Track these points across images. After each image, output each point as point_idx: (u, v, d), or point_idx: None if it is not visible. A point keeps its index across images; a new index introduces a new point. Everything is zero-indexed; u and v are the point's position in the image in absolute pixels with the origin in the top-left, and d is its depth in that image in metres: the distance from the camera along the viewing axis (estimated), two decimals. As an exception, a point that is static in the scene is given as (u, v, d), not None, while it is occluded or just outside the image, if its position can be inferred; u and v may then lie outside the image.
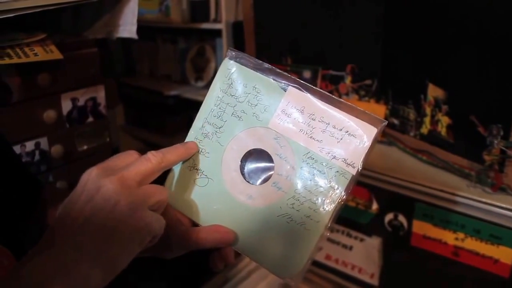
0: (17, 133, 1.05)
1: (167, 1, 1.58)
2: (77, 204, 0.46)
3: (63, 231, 0.46)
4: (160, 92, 1.71)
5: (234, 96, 0.55)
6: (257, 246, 0.52)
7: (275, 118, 0.52)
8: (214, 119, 0.55)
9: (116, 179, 0.47)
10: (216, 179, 0.54)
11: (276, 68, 0.52)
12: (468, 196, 0.80)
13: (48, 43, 1.05)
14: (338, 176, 0.49)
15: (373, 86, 1.00)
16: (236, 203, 0.53)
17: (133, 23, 1.17)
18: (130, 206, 0.46)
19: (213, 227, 0.54)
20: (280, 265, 0.50)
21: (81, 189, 0.48)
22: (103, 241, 0.45)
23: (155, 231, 0.47)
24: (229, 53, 0.55)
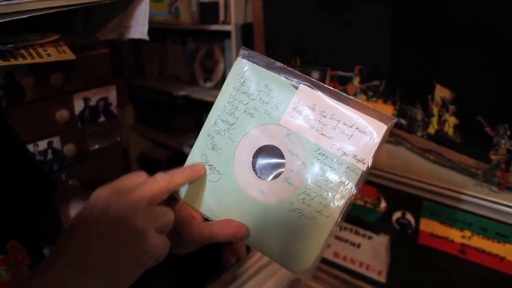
0: (30, 132, 1.07)
1: (177, 3, 1.60)
2: (85, 224, 0.47)
3: (69, 250, 0.46)
4: (169, 92, 1.73)
5: (247, 94, 0.56)
6: (269, 241, 0.53)
7: (286, 115, 0.53)
8: (226, 116, 0.56)
9: (125, 200, 0.48)
10: (228, 175, 0.56)
11: (287, 66, 0.54)
12: (475, 194, 0.82)
13: (61, 44, 1.06)
14: (348, 172, 0.50)
15: (381, 87, 1.02)
16: (248, 198, 0.55)
17: (144, 24, 1.19)
18: (138, 229, 0.47)
19: (225, 221, 0.55)
20: (291, 260, 0.52)
21: (90, 208, 0.49)
22: (108, 264, 0.46)
23: (159, 253, 0.48)
24: (241, 52, 0.56)
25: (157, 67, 1.91)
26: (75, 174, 1.18)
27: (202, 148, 0.57)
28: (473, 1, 0.78)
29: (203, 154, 0.56)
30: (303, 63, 1.05)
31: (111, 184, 0.51)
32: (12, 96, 1.02)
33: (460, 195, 0.83)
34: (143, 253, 0.47)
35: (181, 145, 1.79)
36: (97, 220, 0.47)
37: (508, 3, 0.73)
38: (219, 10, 1.53)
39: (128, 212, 0.47)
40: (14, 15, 0.90)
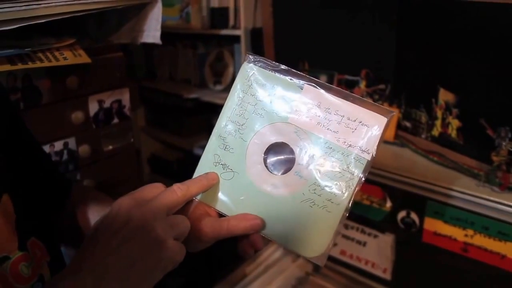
0: (46, 134, 1.10)
1: (188, 8, 1.64)
2: (109, 232, 0.50)
3: (93, 256, 0.49)
4: (180, 95, 1.77)
5: (255, 96, 0.60)
6: (284, 231, 0.57)
7: (294, 113, 0.57)
8: (236, 117, 0.60)
9: (146, 210, 0.51)
10: (241, 172, 0.59)
11: (291, 69, 0.57)
12: (477, 194, 0.84)
13: (77, 48, 1.09)
14: (355, 162, 0.54)
15: (386, 91, 1.06)
16: (261, 193, 0.58)
17: (157, 29, 1.23)
18: (158, 237, 0.50)
19: (241, 215, 0.58)
20: (307, 247, 0.55)
21: (112, 217, 0.52)
22: (131, 269, 0.49)
23: (177, 259, 0.51)
24: (247, 57, 0.60)
25: (168, 70, 1.95)
26: (90, 174, 1.21)
27: (215, 149, 0.61)
28: (474, 9, 0.81)
29: (216, 155, 0.60)
30: (311, 67, 1.09)
31: (131, 194, 0.54)
32: (29, 98, 1.05)
33: (462, 195, 0.86)
34: (163, 259, 0.50)
35: (191, 147, 1.83)
36: (120, 228, 0.50)
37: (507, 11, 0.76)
38: (229, 15, 1.57)
39: (149, 221, 0.51)
40: (32, 20, 0.93)
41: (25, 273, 0.56)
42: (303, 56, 1.09)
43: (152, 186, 0.55)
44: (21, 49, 0.97)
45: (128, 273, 0.49)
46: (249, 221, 0.57)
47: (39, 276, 0.58)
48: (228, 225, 0.57)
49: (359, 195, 0.98)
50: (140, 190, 0.55)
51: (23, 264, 0.56)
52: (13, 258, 0.56)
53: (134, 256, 0.49)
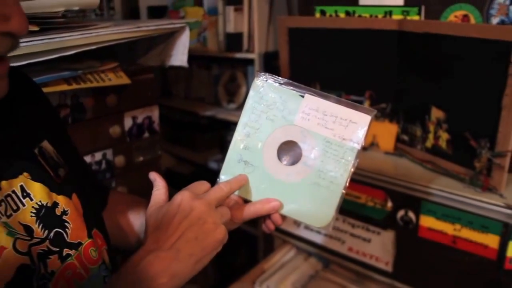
0: (88, 145, 1.25)
1: (205, 32, 1.82)
2: (175, 219, 0.65)
3: (165, 238, 0.64)
4: (195, 112, 1.93)
5: (266, 105, 0.76)
6: (297, 208, 0.74)
7: (298, 117, 0.74)
8: (252, 123, 0.77)
9: (203, 202, 0.67)
10: (260, 166, 0.76)
11: (293, 81, 0.74)
12: (463, 195, 1.02)
13: (118, 70, 1.26)
14: (348, 151, 0.72)
15: (387, 109, 1.24)
16: (277, 181, 0.75)
17: (184, 53, 1.39)
18: (214, 223, 0.66)
19: (264, 200, 0.75)
20: (316, 218, 0.73)
21: (176, 207, 0.66)
22: (195, 248, 0.63)
23: (224, 241, 0.67)
24: (258, 74, 0.77)
25: (183, 89, 2.12)
26: (123, 182, 1.37)
27: (237, 149, 0.77)
28: (458, 43, 1.00)
29: (238, 154, 0.77)
30: (322, 87, 1.27)
31: (187, 189, 0.70)
32: (76, 114, 1.21)
33: (451, 195, 1.03)
34: (217, 240, 0.66)
35: (205, 161, 1.99)
36: (186, 215, 0.65)
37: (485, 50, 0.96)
38: (243, 40, 1.73)
39: (207, 210, 0.66)
40: (86, 46, 1.09)
41: (94, 256, 0.67)
42: (315, 78, 1.28)
43: (201, 183, 0.72)
44: (74, 71, 1.12)
45: (195, 250, 0.64)
46: (270, 204, 0.75)
47: (102, 259, 0.70)
48: (255, 208, 0.75)
49: (364, 198, 1.17)
50: (192, 186, 0.71)
51: (91, 248, 0.67)
52: (85, 244, 0.67)
53: (198, 236, 0.64)
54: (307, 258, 1.35)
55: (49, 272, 0.60)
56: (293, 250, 1.37)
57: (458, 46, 1.01)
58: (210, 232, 0.65)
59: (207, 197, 0.69)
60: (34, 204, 0.62)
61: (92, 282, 0.66)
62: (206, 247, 0.65)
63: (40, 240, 0.61)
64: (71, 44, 1.07)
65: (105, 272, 0.69)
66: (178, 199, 0.68)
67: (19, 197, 0.61)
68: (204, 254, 0.65)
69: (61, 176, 0.69)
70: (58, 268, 0.61)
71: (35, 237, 0.60)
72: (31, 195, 0.62)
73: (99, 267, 0.68)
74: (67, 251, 0.64)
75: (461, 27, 1.00)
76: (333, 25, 1.22)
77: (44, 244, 0.61)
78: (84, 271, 0.65)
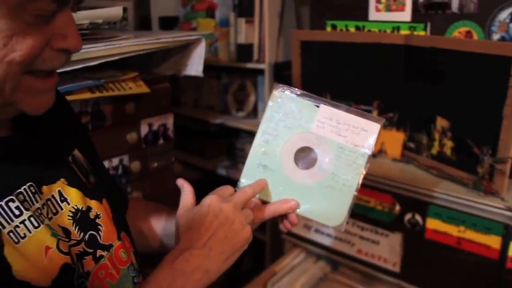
0: (107, 151, 1.31)
1: (216, 43, 1.90)
2: (206, 221, 0.72)
3: (198, 238, 0.70)
4: (204, 120, 2.02)
5: (283, 114, 0.84)
6: (313, 209, 0.81)
7: (314, 125, 0.82)
8: (271, 130, 0.84)
9: (231, 204, 0.75)
10: (278, 170, 0.83)
11: (309, 93, 0.82)
12: (467, 198, 1.10)
13: (137, 79, 1.33)
14: (359, 157, 0.79)
15: (394, 118, 1.33)
16: (294, 183, 0.82)
17: (199, 63, 1.46)
18: (241, 223, 0.74)
19: (282, 200, 0.82)
20: (330, 218, 0.80)
21: (206, 209, 0.73)
22: (226, 245, 0.71)
23: (249, 240, 0.75)
24: (276, 86, 0.85)
25: (193, 97, 2.20)
26: (138, 187, 1.43)
27: (257, 155, 0.85)
28: (461, 56, 1.09)
29: (258, 159, 0.84)
30: (332, 97, 1.37)
31: (214, 193, 0.77)
32: (96, 120, 1.27)
33: (456, 199, 1.11)
34: (244, 238, 0.73)
35: (214, 168, 2.05)
36: (216, 216, 0.72)
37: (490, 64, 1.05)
38: (253, 50, 1.82)
39: (235, 212, 0.73)
40: (109, 57, 1.17)
41: (123, 258, 0.73)
42: (326, 88, 1.37)
43: (226, 188, 0.80)
44: (97, 80, 1.20)
45: (225, 248, 0.71)
46: (288, 203, 0.82)
47: (131, 261, 0.75)
48: (274, 208, 0.82)
49: (373, 202, 1.26)
50: (219, 190, 0.78)
51: (121, 250, 0.73)
52: (115, 246, 0.72)
53: (228, 235, 0.71)
54: (316, 261, 1.43)
55: (86, 272, 0.65)
56: (302, 254, 1.46)
57: (462, 60, 1.10)
58: (238, 231, 0.73)
59: (234, 200, 0.76)
60: (70, 208, 0.67)
61: (123, 282, 0.71)
62: (234, 245, 0.72)
63: (77, 242, 0.66)
64: (95, 55, 1.14)
65: (134, 272, 0.74)
66: (207, 202, 0.75)
67: (58, 201, 0.66)
68: (233, 251, 0.72)
69: (91, 182, 0.74)
70: (92, 268, 0.66)
71: (72, 239, 0.65)
72: (67, 199, 0.67)
73: (128, 268, 0.73)
74: (100, 252, 0.69)
75: (465, 43, 1.09)
76: (343, 39, 1.31)
77: (80, 246, 0.66)
78: (115, 272, 0.70)
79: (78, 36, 0.57)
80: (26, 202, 0.60)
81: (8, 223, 0.56)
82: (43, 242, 0.59)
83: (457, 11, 1.14)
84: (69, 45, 0.57)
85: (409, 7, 1.22)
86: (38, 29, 0.53)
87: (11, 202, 0.58)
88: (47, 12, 0.53)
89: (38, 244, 0.59)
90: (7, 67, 0.52)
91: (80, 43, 0.57)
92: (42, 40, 0.54)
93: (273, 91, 0.85)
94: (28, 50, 0.52)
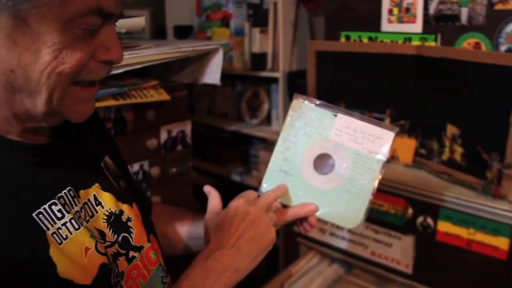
0: (128, 156, 1.26)
1: (231, 52, 1.98)
2: (234, 223, 0.77)
3: (228, 239, 0.76)
4: (219, 127, 2.09)
5: (303, 122, 0.91)
6: (331, 212, 0.88)
7: (332, 133, 0.89)
8: (291, 138, 0.92)
9: (257, 207, 0.81)
10: (298, 176, 0.90)
11: (327, 102, 0.89)
12: (476, 202, 1.17)
13: (158, 87, 1.41)
14: (375, 163, 0.86)
15: (406, 125, 1.40)
16: (314, 188, 0.89)
17: (217, 72, 1.53)
18: (266, 225, 0.80)
19: (302, 204, 0.89)
20: (347, 220, 0.87)
21: (234, 212, 0.78)
22: (254, 245, 0.76)
23: (274, 241, 0.81)
24: (296, 96, 0.93)
25: (206, 105, 2.28)
26: (158, 192, 1.51)
27: (278, 161, 0.92)
28: (471, 67, 1.17)
29: (279, 164, 0.92)
30: (346, 105, 1.44)
31: (241, 197, 0.83)
32: (118, 127, 1.34)
33: (466, 202, 1.18)
34: (270, 239, 0.79)
35: (228, 174, 2.12)
36: (243, 218, 0.78)
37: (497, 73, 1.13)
38: (268, 59, 1.90)
39: (260, 214, 0.79)
40: (132, 66, 1.24)
41: (153, 258, 0.78)
42: (340, 97, 1.44)
43: (250, 192, 0.86)
44: (121, 88, 1.27)
45: (252, 247, 0.77)
46: (308, 207, 0.89)
47: (159, 262, 0.79)
48: (294, 211, 0.89)
49: (386, 206, 1.34)
50: (244, 194, 0.85)
51: (151, 252, 0.77)
52: (145, 247, 0.76)
53: (255, 236, 0.77)
54: (331, 263, 1.51)
55: (120, 272, 0.69)
56: (317, 256, 1.54)
57: (471, 70, 1.18)
58: (264, 232, 0.79)
59: (260, 203, 0.83)
60: (105, 211, 0.71)
61: (153, 282, 0.76)
62: (261, 245, 0.79)
63: (111, 243, 0.70)
64: (120, 64, 1.23)
65: (162, 273, 0.80)
66: (234, 205, 0.81)
67: (93, 205, 0.70)
68: (259, 251, 0.79)
69: (122, 187, 0.80)
70: (125, 268, 0.71)
71: (107, 241, 0.69)
72: (102, 203, 0.72)
73: (157, 268, 0.78)
74: (132, 253, 0.73)
75: (474, 54, 1.17)
76: (357, 49, 1.40)
77: (114, 247, 0.70)
78: (146, 272, 0.75)
79: (120, 48, 0.63)
80: (67, 205, 0.64)
81: (51, 225, 0.60)
82: (83, 243, 0.63)
83: (466, 23, 1.22)
84: (112, 57, 0.62)
85: (420, 19, 1.31)
86: (85, 42, 0.58)
87: (54, 205, 0.62)
88: (94, 26, 0.59)
89: (79, 245, 0.63)
90: (57, 78, 0.57)
91: (122, 55, 0.63)
92: (89, 52, 0.59)
93: (293, 101, 0.92)
94: (77, 62, 0.57)
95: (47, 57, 0.55)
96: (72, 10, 0.55)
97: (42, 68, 0.56)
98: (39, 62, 0.55)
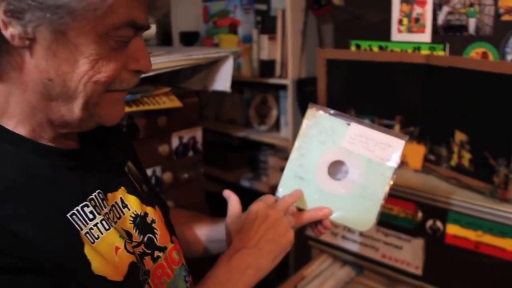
0: None
1: (240, 59, 2.03)
2: (255, 225, 0.83)
3: (249, 240, 0.81)
4: (227, 133, 2.14)
5: (317, 131, 0.97)
6: (344, 215, 0.94)
7: (345, 141, 0.95)
8: (306, 145, 0.98)
9: (276, 210, 0.87)
10: (313, 181, 0.96)
11: (340, 112, 0.95)
12: (484, 205, 1.23)
13: (170, 94, 1.46)
14: (386, 169, 0.92)
15: (415, 132, 1.47)
16: (327, 193, 0.95)
17: (227, 79, 1.58)
18: (285, 227, 0.86)
19: (317, 208, 0.95)
20: (360, 223, 0.93)
21: (254, 214, 0.84)
22: (273, 247, 0.82)
23: (292, 243, 0.86)
24: (311, 105, 0.98)
25: (214, 111, 2.32)
26: (170, 197, 1.55)
27: (293, 167, 0.98)
28: (478, 75, 1.23)
29: (294, 170, 0.98)
30: (357, 113, 1.51)
31: (260, 200, 0.88)
32: (131, 133, 1.40)
33: (473, 206, 1.24)
34: (289, 241, 0.84)
35: (237, 180, 2.17)
36: (263, 221, 0.84)
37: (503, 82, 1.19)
38: (276, 66, 1.95)
39: (280, 217, 0.87)
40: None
41: (176, 258, 0.82)
42: (350, 104, 1.52)
43: (268, 196, 0.92)
44: (133, 95, 1.33)
45: (273, 248, 0.82)
46: (322, 211, 0.95)
47: (182, 261, 0.84)
48: (310, 214, 0.95)
49: (396, 210, 1.40)
50: (263, 198, 0.92)
51: (174, 252, 0.82)
52: (169, 248, 0.81)
53: (275, 237, 0.83)
54: (342, 266, 1.57)
55: (147, 270, 0.74)
56: (329, 259, 1.60)
57: (478, 79, 1.24)
58: (283, 234, 0.85)
59: (278, 207, 0.89)
60: (131, 213, 0.77)
61: (176, 280, 0.80)
62: (281, 246, 0.85)
63: (137, 244, 0.75)
64: None
65: (185, 272, 0.85)
66: (254, 209, 0.88)
67: (120, 207, 0.76)
68: (279, 252, 0.85)
69: (145, 191, 0.85)
70: (151, 267, 0.75)
71: (133, 241, 0.74)
72: (128, 206, 0.77)
73: (180, 268, 0.83)
74: (157, 253, 0.77)
75: (481, 63, 1.24)
76: (367, 57, 1.47)
77: (140, 247, 0.75)
78: (170, 271, 0.79)
79: (149, 58, 0.68)
80: (97, 207, 0.69)
81: (84, 225, 0.65)
82: (113, 242, 0.68)
83: (473, 33, 1.29)
84: (142, 67, 0.67)
85: (429, 29, 1.38)
86: (118, 53, 0.64)
87: (86, 207, 0.67)
88: (127, 38, 0.64)
89: (110, 244, 0.67)
90: (94, 86, 0.62)
91: (150, 64, 0.68)
92: (122, 62, 0.64)
93: (308, 111, 0.98)
94: (112, 71, 0.63)
95: (84, 67, 0.60)
96: (108, 23, 0.60)
97: (79, 77, 0.61)
98: (77, 72, 0.61)
